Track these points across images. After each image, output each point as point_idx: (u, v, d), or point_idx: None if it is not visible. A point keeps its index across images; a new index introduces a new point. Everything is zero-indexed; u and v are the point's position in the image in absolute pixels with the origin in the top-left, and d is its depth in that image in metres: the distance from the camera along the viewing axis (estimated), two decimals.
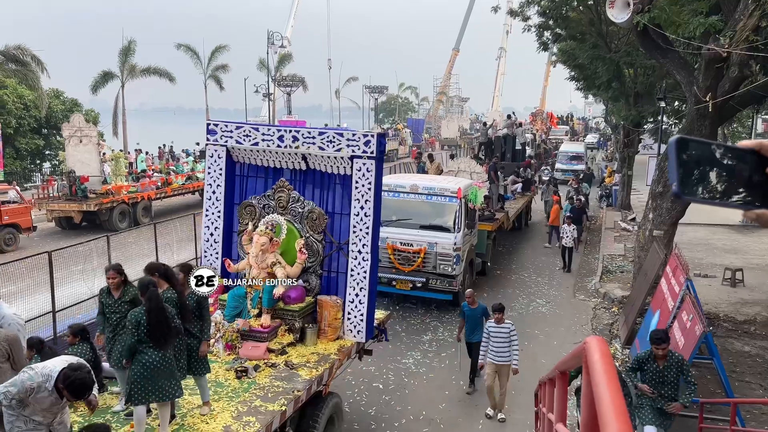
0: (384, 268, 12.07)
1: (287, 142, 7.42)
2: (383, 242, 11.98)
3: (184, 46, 45.12)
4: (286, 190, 7.71)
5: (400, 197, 12.88)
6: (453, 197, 12.65)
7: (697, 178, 1.04)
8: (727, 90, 10.25)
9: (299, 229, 7.63)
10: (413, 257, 12.36)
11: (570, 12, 17.62)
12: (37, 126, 30.66)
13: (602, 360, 1.61)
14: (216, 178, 7.83)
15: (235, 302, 7.40)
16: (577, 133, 63.59)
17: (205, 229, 7.97)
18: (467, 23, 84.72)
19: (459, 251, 12.35)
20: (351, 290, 7.35)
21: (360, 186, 7.18)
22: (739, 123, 33.99)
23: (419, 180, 13.72)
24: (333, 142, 7.20)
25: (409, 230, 12.54)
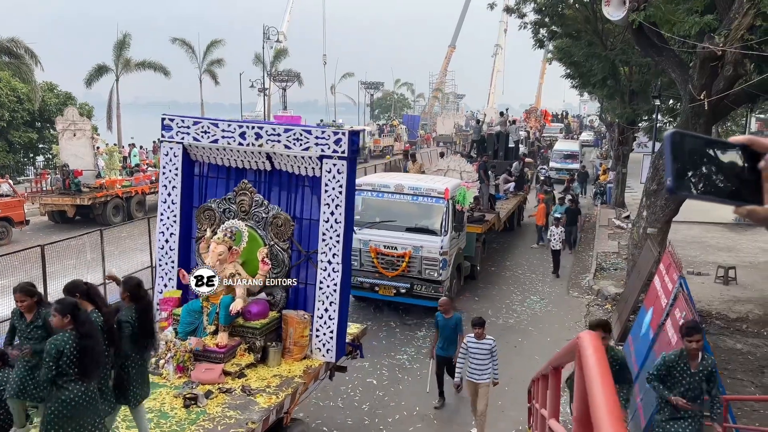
0: (367, 272, 11.83)
1: (250, 139, 6.69)
2: (366, 245, 11.80)
3: (180, 40, 44.99)
4: (249, 193, 6.95)
5: (384, 197, 12.27)
6: (440, 198, 12.01)
7: (691, 173, 1.04)
8: (722, 88, 10.28)
9: (263, 236, 6.87)
10: (397, 261, 11.78)
11: (566, 9, 17.62)
12: (30, 119, 30.48)
13: (595, 355, 1.61)
14: (171, 179, 7.07)
15: (190, 318, 6.62)
16: (571, 130, 63.72)
17: (160, 236, 7.17)
18: (464, 20, 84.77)
19: (446, 255, 11.77)
20: (320, 304, 6.65)
21: (330, 189, 6.49)
22: (733, 122, 34.11)
23: (405, 179, 12.98)
24: (300, 140, 6.50)
25: (393, 233, 11.93)
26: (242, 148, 6.79)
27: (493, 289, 14.25)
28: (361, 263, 11.81)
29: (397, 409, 8.64)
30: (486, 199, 17.06)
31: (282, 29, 57.16)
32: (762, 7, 8.93)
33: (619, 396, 5.70)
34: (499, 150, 22.76)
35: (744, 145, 1.06)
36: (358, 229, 11.40)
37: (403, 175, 14.88)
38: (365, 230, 11.83)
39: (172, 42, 44.93)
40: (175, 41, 44.89)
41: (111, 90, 38.19)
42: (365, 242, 11.84)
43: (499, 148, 22.83)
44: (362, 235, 11.65)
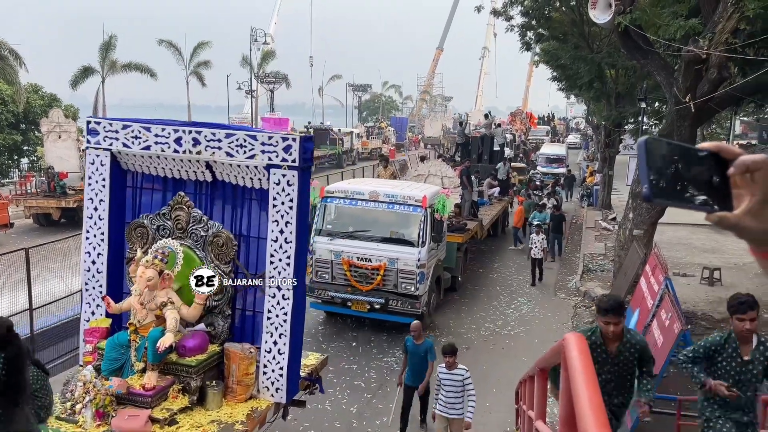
0: (339, 286, 11.22)
1: (186, 146, 5.74)
2: (338, 257, 11.18)
3: (166, 42, 44.81)
4: (186, 208, 5.97)
5: (357, 205, 11.49)
6: (417, 206, 11.20)
7: (665, 179, 1.04)
8: (706, 91, 10.37)
9: (202, 257, 5.90)
10: (372, 274, 11.03)
11: (552, 12, 17.74)
12: (14, 121, 30.22)
13: (580, 356, 1.62)
14: (98, 191, 6.10)
15: (116, 353, 5.61)
16: (558, 133, 64.01)
17: (86, 256, 6.19)
18: (451, 22, 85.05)
19: (423, 268, 11.03)
20: (268, 336, 5.71)
21: (278, 204, 5.56)
22: (718, 124, 34.49)
23: (380, 186, 12.10)
24: (244, 147, 5.58)
25: (367, 243, 11.22)
26: (178, 156, 5.85)
27: (476, 298, 14.25)
28: (332, 276, 11.28)
29: (385, 412, 8.62)
30: (468, 207, 16.36)
31: (269, 31, 57.09)
32: (746, 10, 9.02)
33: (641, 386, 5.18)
34: (484, 153, 22.24)
35: (713, 152, 1.07)
36: (330, 240, 11.25)
37: (379, 182, 13.80)
38: (337, 241, 11.32)
39: (158, 44, 44.73)
40: (161, 43, 44.68)
41: (97, 92, 37.96)
42: (337, 254, 11.21)
43: (484, 152, 22.30)
44: (334, 245, 11.23)
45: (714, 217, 1.08)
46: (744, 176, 1.05)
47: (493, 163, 21.55)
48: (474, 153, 22.06)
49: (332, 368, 9.85)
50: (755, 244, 1.13)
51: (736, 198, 1.06)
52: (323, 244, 11.30)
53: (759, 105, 19.11)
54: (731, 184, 1.06)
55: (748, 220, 1.06)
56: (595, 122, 29.68)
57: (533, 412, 3.81)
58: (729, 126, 34.72)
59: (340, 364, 10.11)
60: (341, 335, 11.45)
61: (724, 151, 1.07)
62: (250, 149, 5.62)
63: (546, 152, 35.16)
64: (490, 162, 21.73)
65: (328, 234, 11.46)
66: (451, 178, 16.43)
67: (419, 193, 11.50)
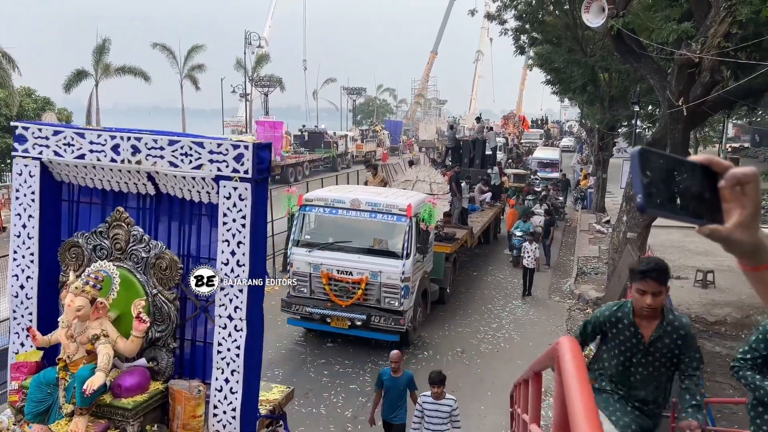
0: (318, 301, 10.59)
1: (125, 154, 5.02)
2: (317, 270, 10.56)
3: (160, 45, 44.74)
4: (125, 225, 5.16)
5: (338, 215, 10.91)
6: (401, 216, 10.61)
7: (659, 189, 1.05)
8: (699, 95, 10.43)
9: (143, 282, 5.10)
10: (352, 288, 10.42)
11: (546, 16, 17.83)
12: (7, 124, 30.03)
13: (574, 360, 1.62)
14: (27, 206, 5.30)
15: (41, 394, 4.76)
16: (551, 136, 64.11)
17: (13, 280, 5.36)
18: (445, 26, 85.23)
19: (408, 282, 10.42)
20: (219, 373, 4.96)
21: (229, 221, 4.85)
22: (711, 127, 34.68)
23: (362, 194, 11.34)
24: (189, 156, 4.91)
25: (348, 255, 10.61)
26: (116, 166, 5.08)
27: (471, 301, 14.25)
28: (311, 290, 10.70)
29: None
30: (458, 214, 15.74)
31: (264, 34, 57.06)
32: (738, 15, 9.08)
33: (686, 395, 3.70)
34: (475, 158, 21.42)
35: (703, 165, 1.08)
36: (308, 251, 10.70)
37: (361, 189, 12.92)
38: (316, 252, 10.71)
39: (152, 47, 44.66)
40: (155, 46, 44.62)
41: (90, 95, 37.85)
42: (316, 266, 10.60)
43: (475, 156, 21.47)
44: (313, 257, 10.65)
45: (705, 230, 1.08)
46: (734, 189, 1.06)
47: (484, 168, 21.00)
48: (465, 157, 21.51)
49: (326, 372, 9.87)
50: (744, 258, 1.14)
51: (726, 211, 1.07)
52: (301, 255, 10.74)
53: (751, 108, 19.21)
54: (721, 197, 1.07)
55: (739, 233, 1.07)
56: (589, 125, 29.79)
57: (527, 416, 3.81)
58: (722, 129, 34.93)
59: (334, 367, 10.10)
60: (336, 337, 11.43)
61: (715, 164, 1.08)
62: (197, 158, 4.92)
63: (539, 156, 34.39)
64: (482, 166, 21.10)
65: (306, 245, 10.89)
66: (439, 184, 15.81)
67: (403, 201, 10.92)
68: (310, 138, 42.31)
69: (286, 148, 36.55)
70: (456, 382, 9.79)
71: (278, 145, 34.22)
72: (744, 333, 11.67)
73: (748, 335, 11.48)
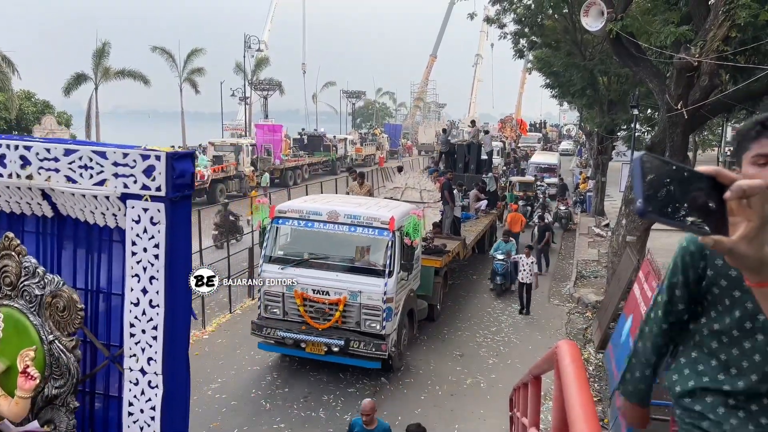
0: (291, 323, 9.69)
1: (12, 166, 3.96)
2: (290, 289, 9.63)
3: (160, 48, 44.74)
4: (15, 255, 4.10)
5: (314, 228, 9.99)
6: (383, 229, 9.69)
7: (660, 196, 1.04)
8: (698, 98, 10.45)
9: (37, 325, 4.04)
10: (330, 310, 9.53)
11: (545, 20, 17.85)
12: (7, 128, 30.07)
13: (573, 364, 1.61)
14: None
15: None
16: (550, 140, 64.01)
17: None
18: (445, 30, 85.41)
19: (391, 302, 9.50)
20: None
21: (139, 250, 3.82)
22: (710, 131, 34.71)
23: (340, 205, 10.46)
24: (90, 169, 3.87)
25: (325, 273, 9.71)
26: (3, 182, 4.08)
27: (470, 304, 14.22)
28: (284, 312, 9.81)
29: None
30: (449, 224, 14.80)
31: (263, 38, 57.12)
32: (737, 18, 9.10)
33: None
34: (470, 162, 20.40)
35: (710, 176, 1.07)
36: (281, 269, 9.81)
37: (340, 200, 11.80)
38: (290, 270, 9.81)
39: (152, 50, 44.69)
40: (155, 49, 44.64)
41: (90, 98, 37.84)
42: (289, 285, 9.68)
43: (470, 161, 20.44)
44: (286, 275, 9.74)
45: (709, 241, 1.07)
46: (740, 202, 1.05)
47: (480, 173, 20.03)
48: (460, 162, 20.50)
49: (325, 378, 9.83)
50: (750, 273, 1.12)
51: (732, 224, 1.06)
52: (273, 273, 9.82)
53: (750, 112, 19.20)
54: (728, 209, 1.06)
55: (743, 247, 1.06)
56: (588, 129, 29.81)
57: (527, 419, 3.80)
58: (721, 133, 34.96)
59: (330, 370, 10.08)
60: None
61: (722, 176, 1.07)
62: (99, 172, 3.84)
63: (537, 161, 33.02)
64: (477, 172, 20.07)
65: (278, 261, 10.03)
66: (430, 192, 14.77)
67: (386, 213, 10.01)
68: (309, 141, 42.37)
69: (286, 152, 36.56)
70: (455, 386, 9.80)
71: (278, 148, 34.24)
72: None
73: None
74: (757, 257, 1.07)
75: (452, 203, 14.95)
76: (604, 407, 8.91)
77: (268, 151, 32.85)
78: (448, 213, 14.74)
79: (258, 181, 29.46)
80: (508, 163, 34.47)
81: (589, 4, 11.10)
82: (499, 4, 17.94)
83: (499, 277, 14.23)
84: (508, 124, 56.49)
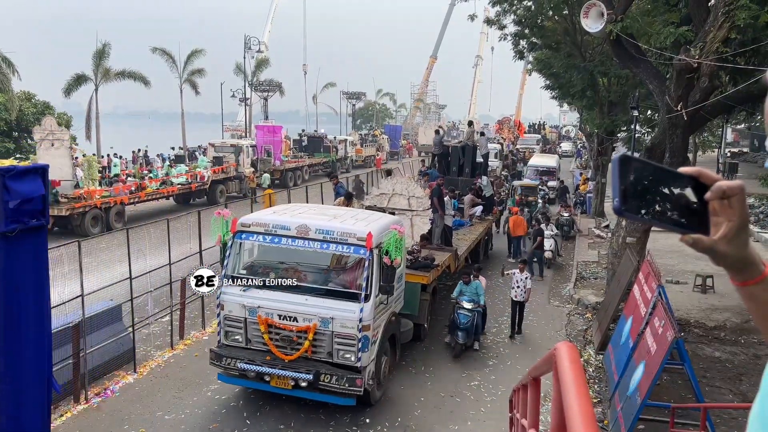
0: (255, 353, 8.51)
1: None
2: (253, 314, 8.48)
3: (160, 49, 44.73)
4: None
5: (281, 244, 8.77)
6: (360, 247, 8.50)
7: (638, 196, 1.07)
8: (698, 100, 10.45)
9: None
10: (298, 339, 8.33)
11: (545, 21, 17.88)
12: (7, 129, 30.11)
13: (571, 366, 1.61)
14: None
15: None
16: (549, 142, 63.78)
17: None
18: (445, 31, 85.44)
19: (368, 330, 8.27)
20: None
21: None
22: (710, 132, 34.74)
23: (312, 218, 9.12)
24: None
25: (292, 296, 8.49)
26: None
27: None
28: (246, 339, 8.64)
29: (378, 420, 8.59)
30: (439, 234, 13.64)
31: (263, 39, 57.13)
32: (736, 20, 9.10)
33: None
34: (465, 165, 19.15)
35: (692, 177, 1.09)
36: (243, 291, 8.67)
37: (314, 211, 10.23)
38: (253, 292, 8.64)
39: (152, 51, 44.69)
40: (155, 50, 44.65)
41: (90, 99, 37.84)
42: (252, 309, 8.50)
43: (465, 164, 19.17)
44: (249, 298, 8.57)
45: (689, 239, 1.09)
46: (722, 202, 1.07)
47: (475, 177, 18.91)
48: (454, 165, 19.38)
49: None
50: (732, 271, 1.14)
51: (714, 224, 1.08)
52: (234, 296, 8.66)
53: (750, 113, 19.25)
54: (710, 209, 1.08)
55: (724, 246, 1.08)
56: (588, 130, 29.80)
57: (526, 421, 3.80)
58: (721, 134, 34.97)
59: None
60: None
61: (704, 176, 1.09)
62: None
63: (535, 163, 31.36)
64: (472, 175, 18.99)
65: (241, 282, 8.81)
66: (419, 199, 13.40)
67: (363, 228, 8.75)
68: (309, 142, 42.38)
69: (286, 153, 36.57)
70: (454, 387, 9.79)
71: (278, 149, 34.24)
72: (743, 338, 11.66)
73: (747, 340, 11.51)
74: (739, 256, 1.10)
75: (441, 211, 13.89)
76: (604, 408, 8.91)
77: (268, 152, 32.87)
78: (437, 222, 13.63)
79: (258, 182, 29.47)
80: (507, 165, 34.14)
81: (589, 6, 11.11)
82: (499, 6, 17.97)
83: (461, 332, 10.86)
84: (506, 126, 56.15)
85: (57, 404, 8.99)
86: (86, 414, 8.73)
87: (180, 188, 25.50)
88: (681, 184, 1.08)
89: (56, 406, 8.95)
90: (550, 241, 16.60)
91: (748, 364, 10.55)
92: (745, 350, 11.14)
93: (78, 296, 9.28)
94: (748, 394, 9.26)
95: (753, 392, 3.72)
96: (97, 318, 9.72)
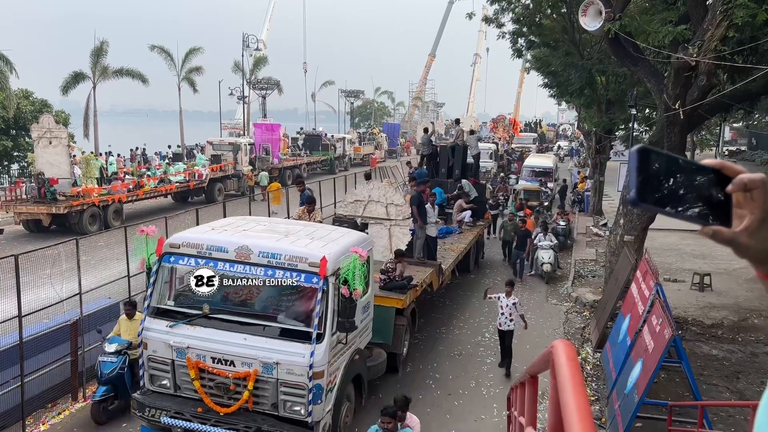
0: (186, 401, 7.10)
1: None
2: (182, 355, 7.02)
3: (158, 47, 44.67)
4: None
5: (217, 269, 7.20)
6: (312, 275, 7.00)
7: (656, 188, 1.06)
8: (696, 98, 10.46)
9: None
10: (236, 387, 6.89)
11: (543, 19, 17.83)
12: (5, 127, 30.04)
13: (568, 364, 1.62)
14: None
15: None
16: (546, 140, 63.57)
17: None
18: (444, 29, 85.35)
19: (321, 378, 6.83)
20: None
21: None
22: (708, 131, 34.78)
23: (257, 237, 7.57)
24: None
25: (229, 335, 7.02)
26: None
27: (468, 303, 14.19)
28: (175, 386, 7.22)
29: (375, 419, 8.58)
30: (420, 246, 12.28)
31: (262, 37, 57.01)
32: (734, 18, 9.11)
33: None
34: (455, 166, 17.64)
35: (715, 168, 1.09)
36: (170, 326, 7.19)
37: (261, 228, 8.32)
38: (182, 328, 7.17)
39: (150, 49, 44.62)
40: (153, 48, 44.58)
41: (88, 97, 37.79)
42: (181, 350, 7.04)
43: (455, 165, 17.66)
44: (177, 336, 7.11)
45: (708, 230, 1.09)
46: (745, 195, 1.07)
47: (465, 178, 17.30)
48: (443, 166, 18.01)
49: None
50: (756, 264, 1.14)
51: (737, 216, 1.07)
52: (159, 333, 7.22)
53: (748, 112, 19.29)
54: (733, 202, 1.08)
55: (745, 238, 1.07)
56: (586, 128, 29.79)
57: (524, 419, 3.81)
58: (718, 132, 35.02)
59: None
60: None
61: (726, 169, 1.08)
62: None
63: (531, 164, 29.44)
64: (462, 176, 17.32)
65: (167, 316, 7.39)
66: (399, 207, 12.07)
67: (317, 251, 7.22)
68: (307, 140, 42.33)
69: (284, 151, 36.53)
70: (453, 385, 9.80)
71: (276, 147, 34.21)
72: (740, 336, 11.69)
73: (744, 338, 11.54)
74: (762, 248, 1.09)
75: (422, 221, 12.31)
76: (602, 406, 8.92)
77: (267, 150, 32.84)
78: (418, 233, 12.26)
79: (256, 180, 29.44)
80: (502, 166, 33.70)
81: (587, 4, 11.10)
82: (497, 4, 17.93)
83: None
84: (501, 124, 55.81)
85: (55, 402, 9.00)
86: (84, 412, 8.73)
87: (178, 186, 25.48)
88: (703, 176, 1.08)
89: (54, 404, 8.96)
90: (548, 252, 15.82)
91: (745, 362, 10.58)
92: (743, 348, 11.17)
93: (76, 294, 9.28)
94: (745, 392, 9.29)
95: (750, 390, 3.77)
96: (95, 316, 9.72)
